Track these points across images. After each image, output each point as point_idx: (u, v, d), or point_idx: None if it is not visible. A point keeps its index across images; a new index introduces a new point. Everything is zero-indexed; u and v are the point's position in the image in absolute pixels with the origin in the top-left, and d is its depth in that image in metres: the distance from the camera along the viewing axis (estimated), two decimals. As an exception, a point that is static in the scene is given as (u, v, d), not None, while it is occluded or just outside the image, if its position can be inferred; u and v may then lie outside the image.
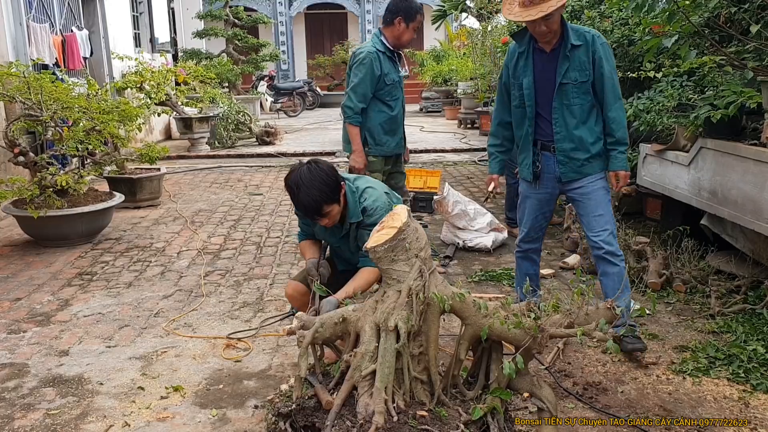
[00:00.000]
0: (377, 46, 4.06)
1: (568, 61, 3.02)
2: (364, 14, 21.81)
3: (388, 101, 4.13)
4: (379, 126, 4.13)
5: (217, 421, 2.68)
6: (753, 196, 3.47)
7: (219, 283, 4.37)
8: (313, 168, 2.66)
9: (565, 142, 3.11)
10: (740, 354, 3.08)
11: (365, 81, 4.00)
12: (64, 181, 5.08)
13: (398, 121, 4.24)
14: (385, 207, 2.78)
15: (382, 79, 4.04)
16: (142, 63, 9.78)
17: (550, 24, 2.92)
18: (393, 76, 4.11)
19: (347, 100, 4.08)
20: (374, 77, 4.01)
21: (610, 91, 3.06)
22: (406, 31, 4.06)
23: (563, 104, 3.08)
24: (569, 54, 3.01)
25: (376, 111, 4.11)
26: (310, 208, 2.67)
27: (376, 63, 4.01)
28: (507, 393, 2.25)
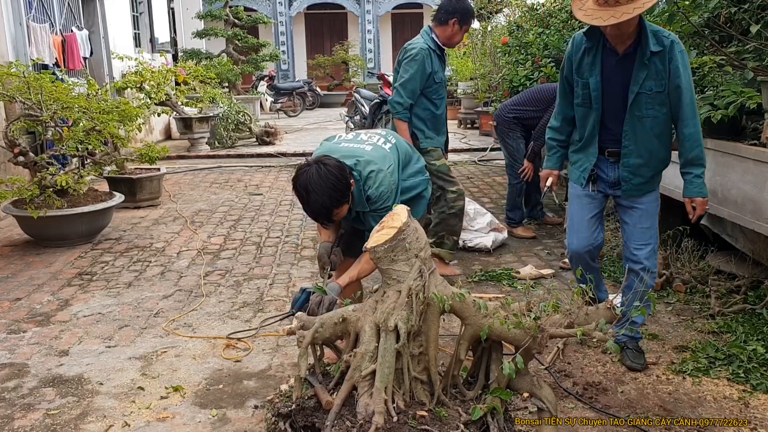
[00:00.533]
0: (429, 44, 4.02)
1: (647, 69, 2.72)
2: (364, 14, 21.81)
3: (434, 99, 4.10)
4: (423, 123, 4.12)
5: (217, 421, 2.68)
6: (753, 196, 3.46)
7: (219, 283, 4.37)
8: (322, 171, 2.53)
9: (633, 156, 2.87)
10: (740, 354, 3.08)
11: (416, 77, 3.96)
12: (64, 181, 5.08)
13: (442, 120, 4.21)
14: (389, 190, 2.74)
15: (431, 76, 4.00)
16: (142, 63, 9.78)
17: (625, 27, 2.64)
18: (441, 74, 4.08)
19: (396, 96, 4.03)
20: (424, 74, 3.97)
21: (687, 105, 2.74)
22: (458, 32, 4.04)
23: (635, 116, 2.80)
24: (647, 62, 2.71)
25: (422, 108, 4.09)
26: (320, 213, 2.61)
27: (427, 60, 3.97)
28: (507, 393, 2.25)
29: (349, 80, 20.74)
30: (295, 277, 4.48)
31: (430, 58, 3.99)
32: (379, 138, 2.98)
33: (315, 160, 2.61)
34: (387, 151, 2.89)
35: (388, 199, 2.74)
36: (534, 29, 6.45)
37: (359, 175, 2.71)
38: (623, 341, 3.05)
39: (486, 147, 10.08)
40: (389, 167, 2.80)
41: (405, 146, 3.09)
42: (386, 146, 2.92)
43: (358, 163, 2.73)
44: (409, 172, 3.06)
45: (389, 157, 2.86)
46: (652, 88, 2.74)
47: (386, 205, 2.68)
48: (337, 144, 2.93)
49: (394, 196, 2.81)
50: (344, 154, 2.76)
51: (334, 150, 2.83)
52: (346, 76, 21.13)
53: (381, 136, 3.02)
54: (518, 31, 6.97)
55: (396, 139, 3.06)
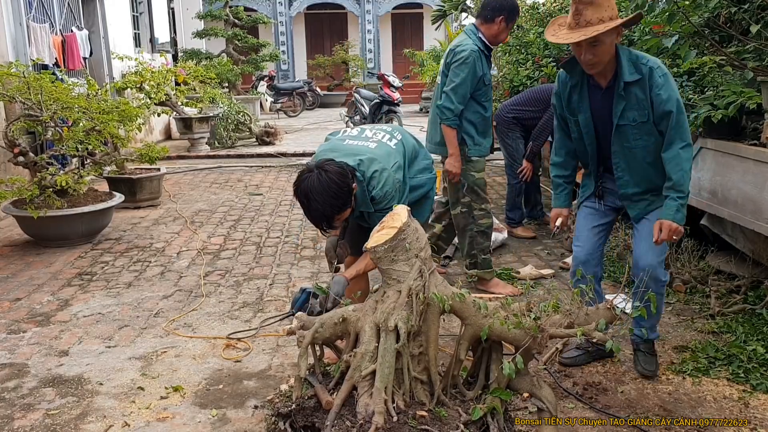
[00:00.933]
0: (478, 44, 3.83)
1: (624, 101, 2.70)
2: (364, 14, 21.82)
3: (483, 102, 3.92)
4: (474, 127, 3.93)
5: (217, 421, 2.68)
6: (753, 196, 3.46)
7: (219, 283, 4.37)
8: (323, 179, 2.49)
9: (630, 186, 2.84)
10: (740, 354, 3.07)
11: (467, 82, 3.78)
12: (64, 181, 5.08)
13: (489, 122, 4.05)
14: (394, 189, 2.72)
15: (481, 79, 3.83)
16: (142, 63, 9.78)
17: (598, 53, 2.61)
18: (489, 76, 3.92)
19: (446, 101, 3.81)
20: (475, 78, 3.80)
21: (672, 128, 2.65)
22: (505, 30, 3.87)
23: (624, 147, 2.77)
24: (623, 93, 2.69)
25: (472, 111, 3.89)
26: (321, 220, 2.59)
27: (478, 63, 3.79)
28: (507, 393, 2.25)
29: (349, 80, 20.74)
30: (295, 277, 4.48)
31: (480, 60, 3.81)
32: (384, 134, 2.93)
33: (317, 165, 2.55)
34: (392, 148, 2.84)
35: (393, 198, 2.71)
36: (534, 29, 6.45)
37: (362, 176, 2.67)
38: (636, 341, 3.00)
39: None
40: (394, 165, 2.76)
41: (411, 142, 3.04)
42: (391, 143, 2.87)
43: (362, 162, 2.69)
44: (417, 168, 3.01)
45: (394, 155, 2.81)
46: (635, 119, 2.70)
47: (391, 205, 2.63)
48: (341, 141, 2.88)
49: (399, 195, 2.77)
50: (347, 153, 2.73)
51: (338, 148, 2.80)
52: (346, 76, 21.14)
53: (386, 132, 2.96)
54: (518, 31, 6.97)
55: (402, 134, 3.01)
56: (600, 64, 2.66)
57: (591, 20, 2.55)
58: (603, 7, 2.56)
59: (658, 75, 2.64)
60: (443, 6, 15.00)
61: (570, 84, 2.85)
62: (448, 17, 15.49)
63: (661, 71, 2.65)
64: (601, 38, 2.57)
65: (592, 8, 2.56)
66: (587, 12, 2.56)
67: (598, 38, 2.56)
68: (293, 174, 8.56)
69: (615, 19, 2.57)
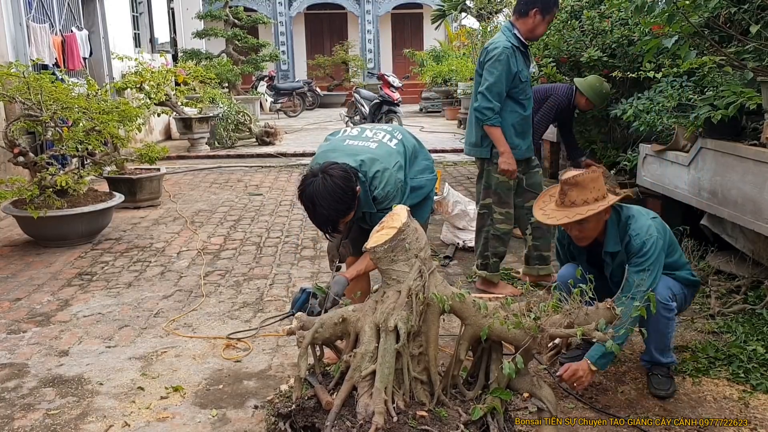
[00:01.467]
0: (511, 41, 3.73)
1: (611, 264, 2.80)
2: (364, 14, 21.82)
3: (521, 100, 3.81)
4: (512, 127, 3.81)
5: (217, 421, 2.68)
6: (753, 196, 3.46)
7: (219, 284, 4.37)
8: (328, 183, 2.49)
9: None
10: (740, 354, 3.07)
11: (501, 80, 3.69)
12: (63, 181, 5.08)
13: (529, 121, 3.92)
14: (396, 189, 2.71)
15: (517, 76, 3.73)
16: (141, 63, 9.79)
17: (585, 230, 2.70)
18: (526, 72, 3.80)
19: (483, 101, 3.73)
20: (510, 75, 3.70)
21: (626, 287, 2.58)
22: (540, 23, 3.73)
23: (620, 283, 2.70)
24: (608, 260, 2.80)
25: (509, 111, 3.79)
26: (326, 224, 2.60)
27: (512, 59, 3.69)
28: (507, 393, 2.25)
29: (349, 80, 20.75)
30: (295, 277, 4.48)
31: (514, 56, 3.71)
32: (384, 134, 2.91)
33: (321, 170, 2.55)
34: (393, 148, 2.83)
35: (395, 198, 2.70)
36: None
37: (364, 176, 2.66)
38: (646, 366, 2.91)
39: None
40: (395, 165, 2.75)
41: (412, 142, 3.03)
42: (392, 143, 2.86)
43: (363, 163, 2.68)
44: (417, 169, 2.99)
45: (395, 155, 2.80)
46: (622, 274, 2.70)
47: (393, 205, 2.64)
48: (342, 141, 2.87)
49: (401, 194, 2.76)
50: (348, 153, 2.72)
51: (338, 148, 2.79)
52: (346, 76, 21.14)
53: (386, 132, 2.95)
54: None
55: (402, 134, 3.00)
56: (587, 239, 2.75)
57: (575, 201, 2.64)
58: (588, 189, 2.62)
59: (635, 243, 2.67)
60: (443, 6, 14.99)
61: (566, 241, 2.97)
62: (447, 17, 15.54)
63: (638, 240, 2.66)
64: (585, 219, 2.63)
65: (577, 190, 2.63)
66: (572, 193, 2.64)
67: (583, 219, 2.63)
68: (293, 174, 8.57)
69: (601, 200, 2.63)
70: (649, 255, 2.66)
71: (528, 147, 3.95)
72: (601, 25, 5.59)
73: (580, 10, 6.13)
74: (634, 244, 2.67)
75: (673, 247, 2.86)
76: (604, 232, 2.77)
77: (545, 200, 2.84)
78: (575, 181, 2.65)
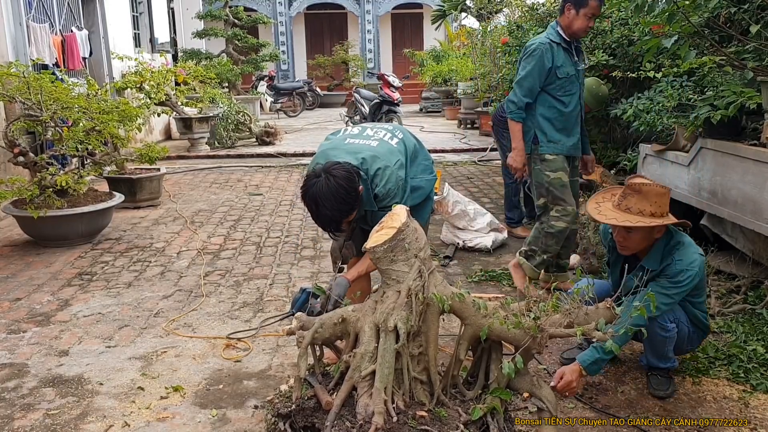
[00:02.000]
0: (551, 37, 3.73)
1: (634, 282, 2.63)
2: (364, 14, 21.82)
3: (559, 96, 3.74)
4: (549, 122, 3.75)
5: (217, 421, 2.68)
6: (753, 196, 3.46)
7: (219, 283, 4.37)
8: (331, 184, 2.48)
9: None
10: (740, 354, 3.07)
11: (533, 74, 3.69)
12: (63, 181, 5.08)
13: (572, 118, 3.80)
14: (397, 187, 2.71)
15: (553, 72, 3.69)
16: (141, 63, 9.78)
17: (629, 239, 2.65)
18: (567, 69, 3.72)
19: (511, 94, 3.80)
20: (543, 70, 3.68)
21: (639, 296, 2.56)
22: (576, 18, 3.65)
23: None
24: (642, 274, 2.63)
25: (546, 106, 3.75)
26: (329, 224, 2.60)
27: (547, 55, 3.68)
28: (507, 393, 2.25)
29: (349, 80, 20.74)
30: (295, 277, 4.48)
31: (551, 52, 3.68)
32: (385, 133, 2.91)
33: (324, 170, 2.54)
34: (394, 146, 2.83)
35: (396, 196, 2.70)
36: (534, 29, 6.44)
37: (366, 174, 2.66)
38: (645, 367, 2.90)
39: (486, 147, 10.09)
40: (396, 163, 2.74)
41: (412, 141, 3.02)
42: (393, 141, 2.86)
43: (365, 160, 2.68)
44: (417, 169, 2.99)
45: (396, 153, 2.80)
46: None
47: (394, 202, 2.62)
48: (342, 140, 2.87)
49: (401, 192, 2.76)
50: (349, 151, 2.72)
51: (339, 146, 2.79)
52: (346, 76, 21.14)
53: (387, 130, 2.95)
54: (518, 31, 6.96)
55: (403, 133, 3.00)
56: (629, 249, 2.69)
57: (631, 208, 2.58)
58: (649, 201, 2.56)
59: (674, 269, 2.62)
60: (443, 6, 14.99)
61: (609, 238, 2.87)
62: (447, 17, 15.54)
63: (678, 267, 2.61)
64: (633, 228, 2.58)
65: (638, 198, 2.58)
66: (632, 199, 2.59)
67: (631, 228, 2.58)
68: (293, 174, 8.57)
69: (658, 217, 2.56)
70: (681, 285, 2.62)
71: (573, 145, 3.83)
72: (601, 25, 5.59)
73: (580, 10, 6.12)
74: (674, 269, 2.62)
75: (701, 291, 2.81)
76: (649, 249, 2.71)
77: (605, 197, 2.77)
78: (639, 189, 2.59)
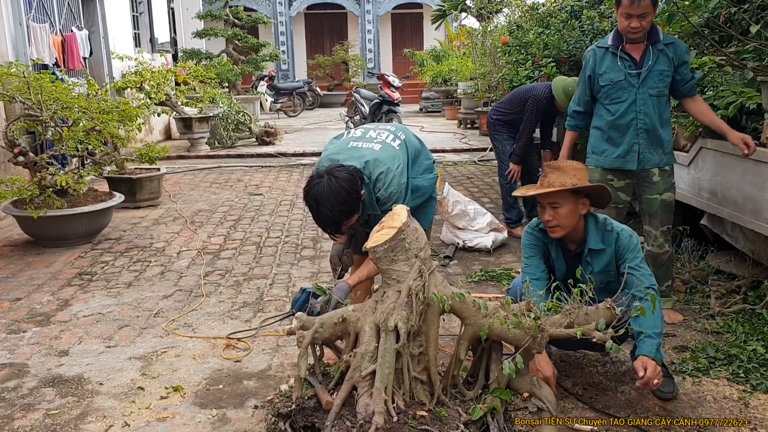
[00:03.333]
0: (600, 42, 3.53)
1: (590, 266, 2.76)
2: (364, 14, 21.81)
3: (606, 104, 3.49)
4: (599, 132, 3.55)
5: (217, 421, 2.68)
6: (753, 196, 3.47)
7: (219, 283, 4.37)
8: (333, 184, 2.50)
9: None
10: (740, 354, 3.07)
11: (580, 82, 3.59)
12: (63, 181, 5.08)
13: (620, 128, 3.44)
14: (399, 191, 2.71)
15: (595, 79, 3.49)
16: (142, 63, 9.78)
17: (557, 216, 2.70)
18: (612, 75, 3.41)
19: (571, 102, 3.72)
20: (585, 77, 3.54)
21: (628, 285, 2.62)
22: (620, 18, 3.32)
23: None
24: (589, 259, 2.77)
25: (597, 115, 3.57)
26: (330, 225, 2.60)
27: (590, 62, 3.51)
28: (507, 393, 2.25)
29: (349, 80, 20.75)
30: (295, 277, 4.48)
31: (593, 59, 3.50)
32: (388, 134, 2.91)
33: (327, 171, 2.56)
34: (396, 149, 2.83)
35: (398, 199, 2.71)
36: (534, 29, 6.45)
37: (368, 178, 2.67)
38: None
39: (486, 147, 10.09)
40: (398, 166, 2.75)
41: (414, 141, 3.02)
42: (395, 143, 2.86)
43: (367, 165, 2.69)
44: (418, 169, 2.99)
45: (399, 156, 2.80)
46: (602, 281, 2.75)
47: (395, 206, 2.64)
48: (345, 144, 2.87)
49: (404, 195, 2.76)
50: (352, 155, 2.73)
51: (342, 150, 2.79)
52: (346, 76, 21.14)
53: (390, 132, 2.95)
54: (518, 31, 6.97)
55: (405, 134, 2.99)
56: (560, 228, 2.74)
57: (553, 183, 2.70)
58: (568, 174, 2.69)
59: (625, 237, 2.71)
60: (443, 6, 14.98)
61: (546, 241, 2.89)
62: (447, 17, 15.54)
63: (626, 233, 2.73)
64: (559, 201, 2.68)
65: (558, 173, 2.71)
66: (552, 175, 2.72)
67: (557, 201, 2.68)
68: (293, 174, 8.57)
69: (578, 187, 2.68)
70: (639, 246, 2.71)
71: (619, 156, 3.47)
72: (601, 25, 5.59)
73: (580, 10, 6.14)
74: (624, 238, 2.71)
75: None
76: (585, 231, 2.77)
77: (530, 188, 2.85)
78: (558, 166, 2.73)
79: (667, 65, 3.35)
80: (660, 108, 3.41)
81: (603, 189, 2.79)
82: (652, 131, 3.42)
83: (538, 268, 2.85)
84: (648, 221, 3.59)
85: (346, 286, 2.70)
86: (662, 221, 3.56)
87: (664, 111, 3.44)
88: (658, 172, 3.48)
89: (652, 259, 3.61)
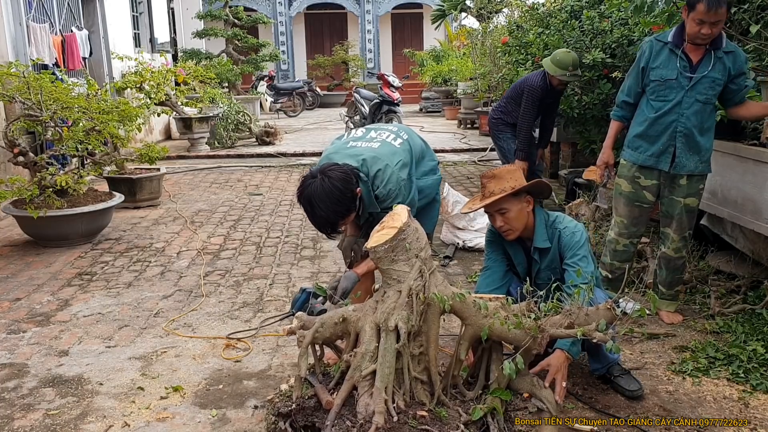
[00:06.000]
0: (660, 36, 3.42)
1: (538, 264, 2.88)
2: (364, 14, 21.81)
3: (651, 100, 3.40)
4: (636, 126, 3.49)
5: (217, 421, 2.68)
6: (753, 196, 3.47)
7: (219, 283, 4.37)
8: (326, 184, 2.49)
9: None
10: (740, 354, 3.08)
11: (631, 72, 3.49)
12: (63, 181, 5.08)
13: (661, 126, 3.36)
14: (398, 187, 2.69)
15: (646, 72, 3.39)
16: (141, 63, 9.78)
17: (508, 220, 2.80)
18: (665, 72, 3.31)
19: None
20: (638, 69, 3.44)
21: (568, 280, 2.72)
22: (688, 21, 3.20)
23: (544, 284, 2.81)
24: (537, 258, 2.87)
25: (639, 109, 3.49)
26: (325, 226, 2.60)
27: (646, 53, 3.40)
28: (507, 393, 2.25)
29: (349, 80, 20.74)
30: (295, 277, 4.48)
31: (650, 51, 3.39)
32: (389, 134, 2.90)
33: (320, 171, 2.55)
34: (397, 147, 2.81)
35: (398, 196, 2.68)
36: (534, 29, 6.45)
37: (366, 176, 2.65)
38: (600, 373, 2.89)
39: (486, 147, 10.09)
40: (398, 163, 2.72)
41: (419, 142, 3.01)
42: (396, 142, 2.85)
43: (364, 162, 2.67)
44: (423, 170, 2.97)
45: (399, 153, 2.78)
46: (550, 277, 2.84)
47: (396, 203, 2.60)
48: (345, 144, 2.86)
49: (406, 192, 2.74)
50: (350, 154, 2.72)
51: (341, 150, 2.78)
52: (346, 76, 21.14)
53: (391, 132, 2.93)
54: (518, 31, 6.97)
55: (409, 134, 2.97)
56: (513, 231, 2.83)
57: (494, 191, 2.78)
58: (505, 180, 2.78)
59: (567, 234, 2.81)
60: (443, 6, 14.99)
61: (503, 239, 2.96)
62: (447, 17, 15.54)
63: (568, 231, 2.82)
64: (506, 206, 2.77)
65: (495, 181, 2.79)
66: (490, 184, 2.80)
67: (503, 207, 2.77)
68: (293, 174, 8.57)
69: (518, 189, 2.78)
70: (582, 243, 2.79)
71: (654, 154, 3.41)
72: (601, 25, 5.59)
73: (580, 10, 6.13)
74: (565, 236, 2.81)
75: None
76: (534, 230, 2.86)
77: (473, 203, 2.93)
78: (492, 174, 2.81)
79: (721, 74, 3.25)
80: (704, 115, 3.31)
81: (540, 183, 2.92)
82: (691, 137, 3.32)
83: (495, 261, 3.02)
84: (667, 223, 3.52)
85: (354, 275, 2.69)
86: (681, 226, 3.48)
87: (707, 119, 3.34)
88: (687, 176, 3.41)
89: (665, 263, 3.59)
